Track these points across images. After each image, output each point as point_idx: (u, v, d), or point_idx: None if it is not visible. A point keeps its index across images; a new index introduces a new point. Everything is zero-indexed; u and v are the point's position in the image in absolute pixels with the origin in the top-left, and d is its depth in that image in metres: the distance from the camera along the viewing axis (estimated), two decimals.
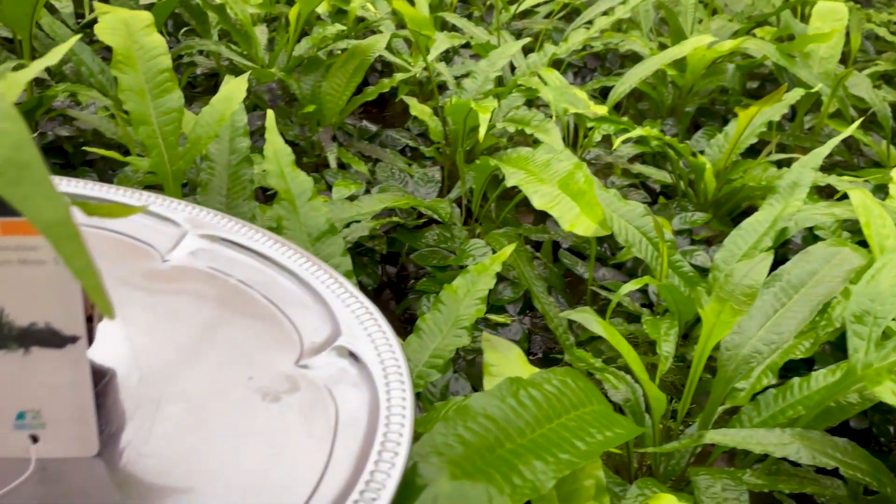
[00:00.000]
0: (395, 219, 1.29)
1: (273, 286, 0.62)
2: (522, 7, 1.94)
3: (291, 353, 0.56)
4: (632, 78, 1.44)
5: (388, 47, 1.55)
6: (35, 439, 0.47)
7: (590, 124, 1.30)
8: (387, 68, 1.85)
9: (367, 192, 1.32)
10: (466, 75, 1.52)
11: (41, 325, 0.44)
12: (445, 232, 1.27)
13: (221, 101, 0.98)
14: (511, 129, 1.24)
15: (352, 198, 1.24)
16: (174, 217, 0.68)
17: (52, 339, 0.44)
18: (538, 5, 2.03)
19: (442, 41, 1.51)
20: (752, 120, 1.28)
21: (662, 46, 1.71)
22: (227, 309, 0.60)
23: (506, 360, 0.72)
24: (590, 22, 1.73)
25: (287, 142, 0.99)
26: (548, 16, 2.01)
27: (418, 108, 1.43)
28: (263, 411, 0.51)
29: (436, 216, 1.28)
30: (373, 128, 1.60)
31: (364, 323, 0.57)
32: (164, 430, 0.50)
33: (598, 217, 0.81)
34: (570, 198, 0.87)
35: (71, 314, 0.44)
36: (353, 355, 0.55)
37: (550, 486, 0.53)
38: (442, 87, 1.59)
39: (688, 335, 1.17)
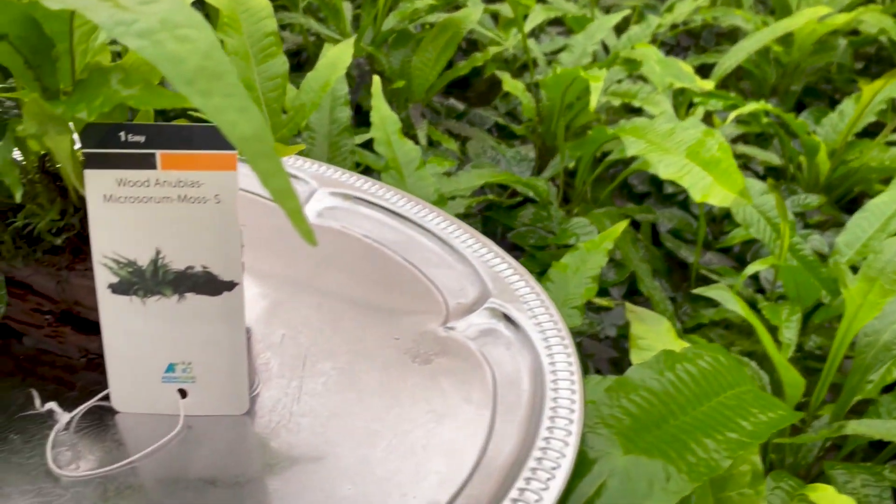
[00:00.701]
0: (490, 196, 1.24)
1: (410, 246, 0.58)
2: None
3: (437, 314, 0.52)
4: (739, 53, 1.36)
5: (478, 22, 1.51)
6: (183, 394, 0.44)
7: (696, 99, 1.23)
8: (470, 46, 1.81)
9: (460, 169, 1.28)
10: (560, 50, 1.46)
11: (198, 268, 0.41)
12: (542, 211, 1.22)
13: (326, 66, 0.95)
14: (616, 102, 1.18)
15: (446, 174, 1.19)
16: (300, 174, 0.64)
17: (209, 285, 0.41)
18: None
19: (538, 13, 1.45)
20: (875, 96, 1.19)
21: (763, 24, 1.62)
22: (363, 268, 0.57)
23: (655, 333, 0.66)
24: None
25: None
26: None
27: (511, 84, 1.38)
28: (415, 373, 0.48)
29: (532, 194, 1.23)
30: (460, 106, 1.56)
31: (514, 284, 0.53)
32: (314, 388, 0.46)
33: (738, 186, 0.74)
34: (700, 167, 0.81)
35: (229, 258, 0.41)
36: (506, 317, 0.51)
37: (726, 465, 0.48)
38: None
39: (804, 323, 1.10)
